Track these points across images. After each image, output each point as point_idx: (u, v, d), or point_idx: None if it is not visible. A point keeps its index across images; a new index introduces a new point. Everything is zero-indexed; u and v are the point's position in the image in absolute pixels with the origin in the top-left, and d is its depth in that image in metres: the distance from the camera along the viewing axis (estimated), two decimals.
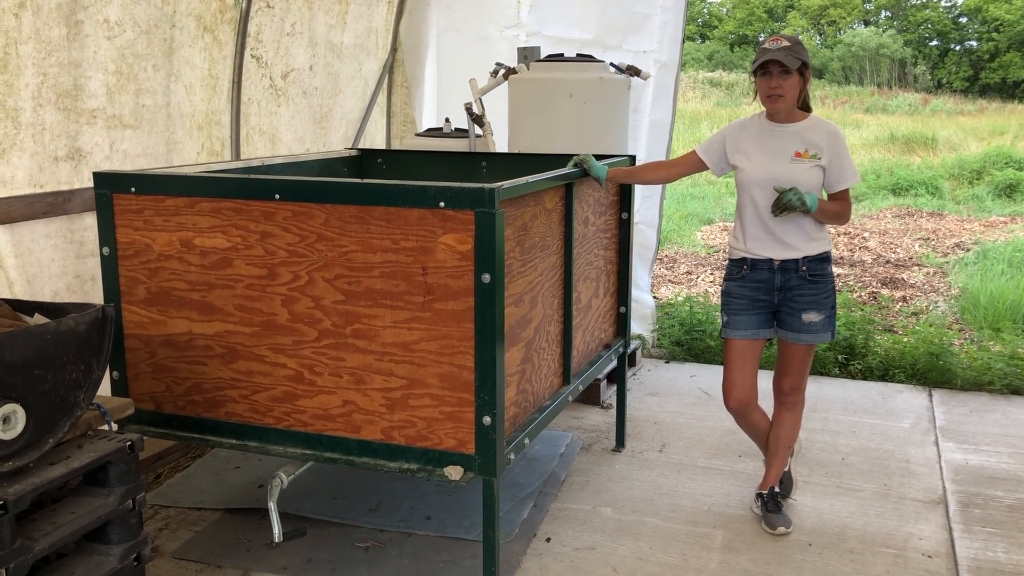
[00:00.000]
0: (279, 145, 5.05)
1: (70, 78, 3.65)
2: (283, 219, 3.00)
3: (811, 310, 3.55)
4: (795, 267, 3.54)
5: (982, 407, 5.17)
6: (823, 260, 3.56)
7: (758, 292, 3.61)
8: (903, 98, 28.10)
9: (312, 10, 5.09)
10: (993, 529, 3.71)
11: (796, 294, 3.55)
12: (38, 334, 2.32)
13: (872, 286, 8.38)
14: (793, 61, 3.38)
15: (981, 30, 34.58)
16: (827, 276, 3.57)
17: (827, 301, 3.57)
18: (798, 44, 3.43)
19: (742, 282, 3.63)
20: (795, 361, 3.66)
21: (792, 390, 3.71)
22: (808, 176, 3.47)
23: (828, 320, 3.58)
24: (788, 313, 3.59)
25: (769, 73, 3.42)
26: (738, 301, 3.64)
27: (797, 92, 3.47)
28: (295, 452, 3.14)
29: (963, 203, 13.36)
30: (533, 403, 3.34)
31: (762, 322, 3.64)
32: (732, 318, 3.66)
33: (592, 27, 5.84)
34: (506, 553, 3.45)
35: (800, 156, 3.48)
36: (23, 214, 3.53)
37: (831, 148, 3.49)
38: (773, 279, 3.57)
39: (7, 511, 2.20)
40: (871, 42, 34.02)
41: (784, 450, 3.80)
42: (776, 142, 3.51)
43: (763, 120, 3.58)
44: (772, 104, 3.47)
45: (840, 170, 3.51)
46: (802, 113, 3.55)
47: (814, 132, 3.51)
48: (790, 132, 3.52)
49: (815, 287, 3.55)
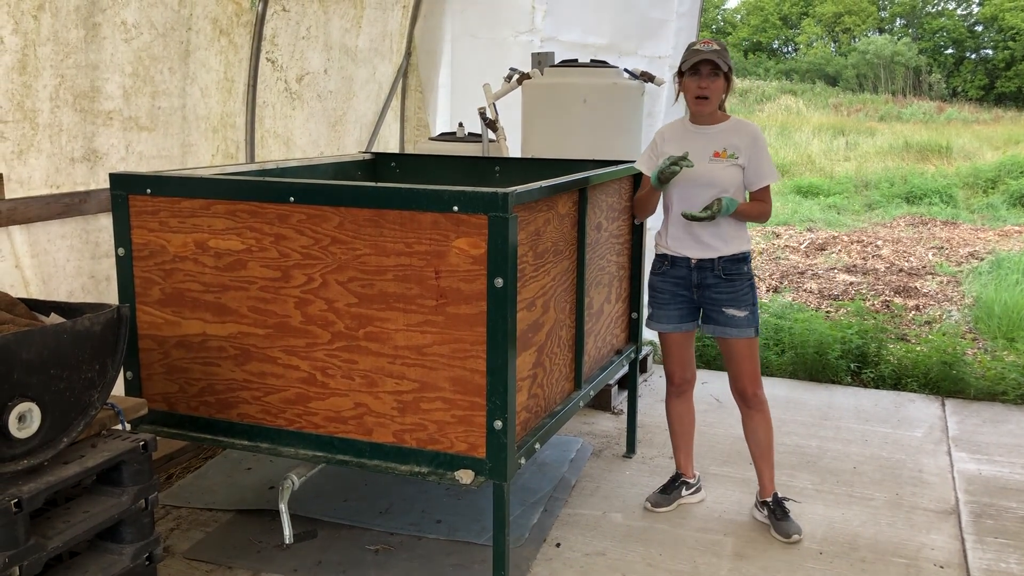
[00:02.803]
0: (293, 148, 5.07)
1: (87, 80, 3.68)
2: (297, 222, 3.02)
3: (730, 306, 3.68)
4: (711, 266, 3.68)
5: (995, 417, 5.13)
6: (739, 260, 3.68)
7: (678, 287, 3.76)
8: (918, 106, 27.98)
9: (327, 14, 5.11)
10: (1006, 540, 3.69)
11: (714, 292, 3.69)
12: (54, 334, 2.33)
13: (885, 295, 8.35)
14: (723, 64, 3.53)
15: (997, 38, 34.41)
16: (743, 275, 3.69)
17: (745, 299, 3.69)
18: (725, 50, 3.59)
19: (663, 277, 3.80)
20: (741, 360, 3.74)
21: (752, 391, 3.78)
22: (725, 175, 3.61)
23: (751, 315, 3.70)
24: (710, 309, 3.74)
25: (699, 73, 3.55)
26: (661, 295, 3.81)
27: (721, 95, 3.61)
28: (307, 454, 3.15)
29: (977, 212, 13.29)
30: (544, 408, 3.34)
31: (684, 316, 3.80)
32: (656, 311, 3.84)
33: (607, 33, 5.85)
34: (516, 558, 3.45)
35: (718, 156, 3.63)
36: (40, 214, 3.56)
37: (750, 148, 3.63)
38: (691, 276, 3.72)
39: (22, 509, 2.21)
40: (886, 50, 33.91)
41: (769, 453, 3.83)
42: (696, 143, 3.64)
43: (686, 123, 3.75)
44: (699, 106, 3.61)
45: (758, 169, 3.64)
46: (723, 115, 3.71)
47: (734, 133, 3.65)
48: (711, 133, 3.66)
49: (731, 285, 3.67)
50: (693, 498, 3.98)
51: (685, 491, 3.97)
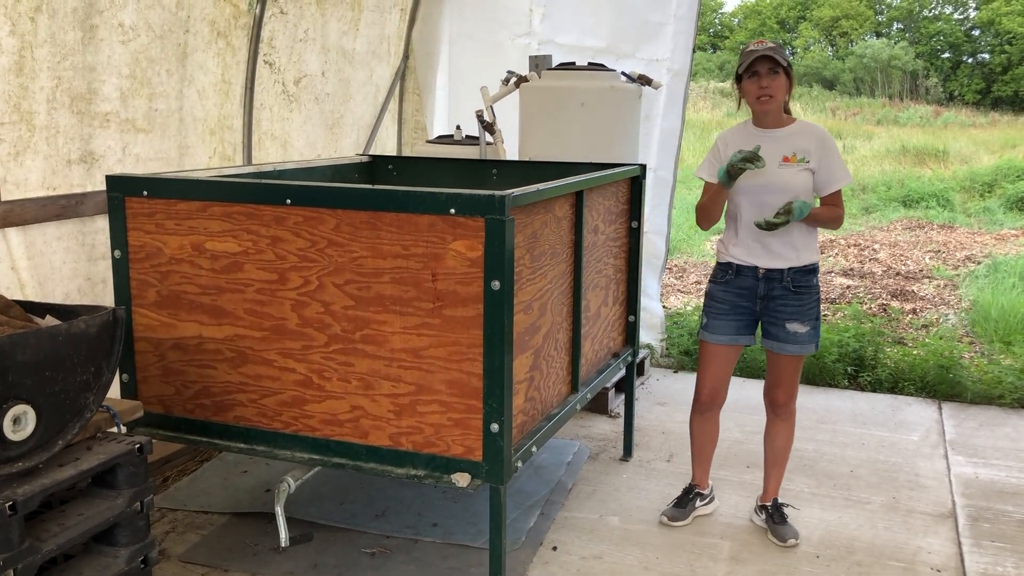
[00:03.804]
0: (291, 150, 5.06)
1: (84, 82, 3.68)
2: (294, 224, 3.01)
3: (795, 320, 3.54)
4: (780, 277, 3.52)
5: (992, 421, 5.14)
6: (809, 272, 3.54)
7: (740, 298, 3.60)
8: (914, 110, 28.03)
9: (325, 17, 5.11)
10: (1003, 544, 3.69)
11: (779, 304, 3.54)
12: (49, 336, 2.33)
13: (882, 298, 8.35)
14: (782, 60, 3.38)
15: (994, 43, 34.50)
16: (811, 287, 3.55)
17: (811, 312, 3.55)
18: (781, 47, 3.42)
19: (726, 287, 3.62)
20: (785, 372, 3.65)
21: (785, 402, 3.71)
22: (797, 180, 3.45)
23: (813, 331, 3.56)
24: (772, 323, 3.58)
25: (757, 74, 3.40)
26: (720, 305, 3.63)
27: (784, 93, 3.45)
28: (303, 457, 3.14)
29: (974, 216, 13.31)
30: (541, 411, 3.34)
31: (741, 328, 3.63)
32: (712, 321, 3.66)
33: (605, 35, 5.85)
34: (512, 561, 3.44)
35: (788, 161, 3.46)
36: (36, 216, 3.55)
37: (820, 150, 3.47)
38: (757, 287, 3.56)
39: (16, 512, 2.20)
40: (883, 54, 33.98)
41: (783, 461, 3.79)
42: (763, 148, 3.47)
43: (750, 127, 3.57)
44: (763, 105, 3.44)
45: (830, 172, 3.49)
46: (789, 118, 3.55)
47: (802, 136, 3.49)
48: (778, 137, 3.50)
49: (799, 298, 3.53)
50: (707, 508, 3.89)
51: (699, 502, 3.87)
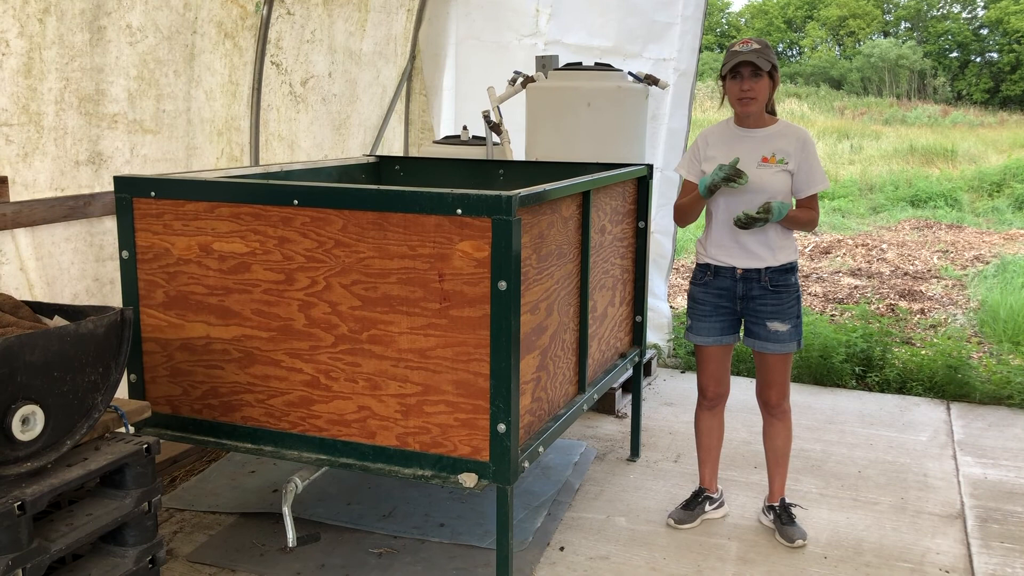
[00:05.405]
0: (298, 151, 5.07)
1: (92, 83, 3.69)
2: (301, 225, 3.02)
3: (775, 319, 3.54)
4: (758, 277, 3.53)
5: (1001, 421, 5.12)
6: (787, 271, 3.54)
7: (721, 299, 3.62)
8: (922, 109, 27.96)
9: (332, 17, 5.12)
10: (1012, 545, 3.67)
11: (759, 304, 3.55)
12: (58, 336, 2.34)
13: (890, 298, 8.33)
14: (764, 63, 3.37)
15: (1002, 42, 34.39)
16: (790, 286, 3.55)
17: (791, 311, 3.55)
18: (767, 47, 3.41)
19: (705, 288, 3.64)
20: (774, 372, 3.64)
21: (778, 402, 3.70)
22: (775, 181, 3.45)
23: (794, 330, 3.56)
24: (753, 322, 3.59)
25: (740, 76, 3.40)
26: (702, 307, 3.66)
27: (767, 95, 3.45)
28: (310, 457, 3.15)
29: (982, 215, 13.26)
30: (548, 411, 3.34)
31: (725, 328, 3.65)
32: (696, 323, 3.69)
33: (612, 35, 5.84)
34: (519, 562, 3.44)
35: (767, 161, 3.46)
36: (44, 217, 3.56)
37: (800, 153, 3.47)
38: (735, 288, 3.58)
39: (25, 512, 2.21)
40: (891, 53, 33.90)
41: (785, 460, 3.79)
42: (742, 147, 3.48)
43: (731, 125, 3.57)
44: (744, 107, 3.44)
45: (809, 175, 3.49)
46: (771, 118, 3.55)
47: (782, 138, 3.49)
48: (758, 137, 3.50)
49: (777, 297, 3.53)
50: (716, 513, 3.87)
51: (708, 506, 3.85)
